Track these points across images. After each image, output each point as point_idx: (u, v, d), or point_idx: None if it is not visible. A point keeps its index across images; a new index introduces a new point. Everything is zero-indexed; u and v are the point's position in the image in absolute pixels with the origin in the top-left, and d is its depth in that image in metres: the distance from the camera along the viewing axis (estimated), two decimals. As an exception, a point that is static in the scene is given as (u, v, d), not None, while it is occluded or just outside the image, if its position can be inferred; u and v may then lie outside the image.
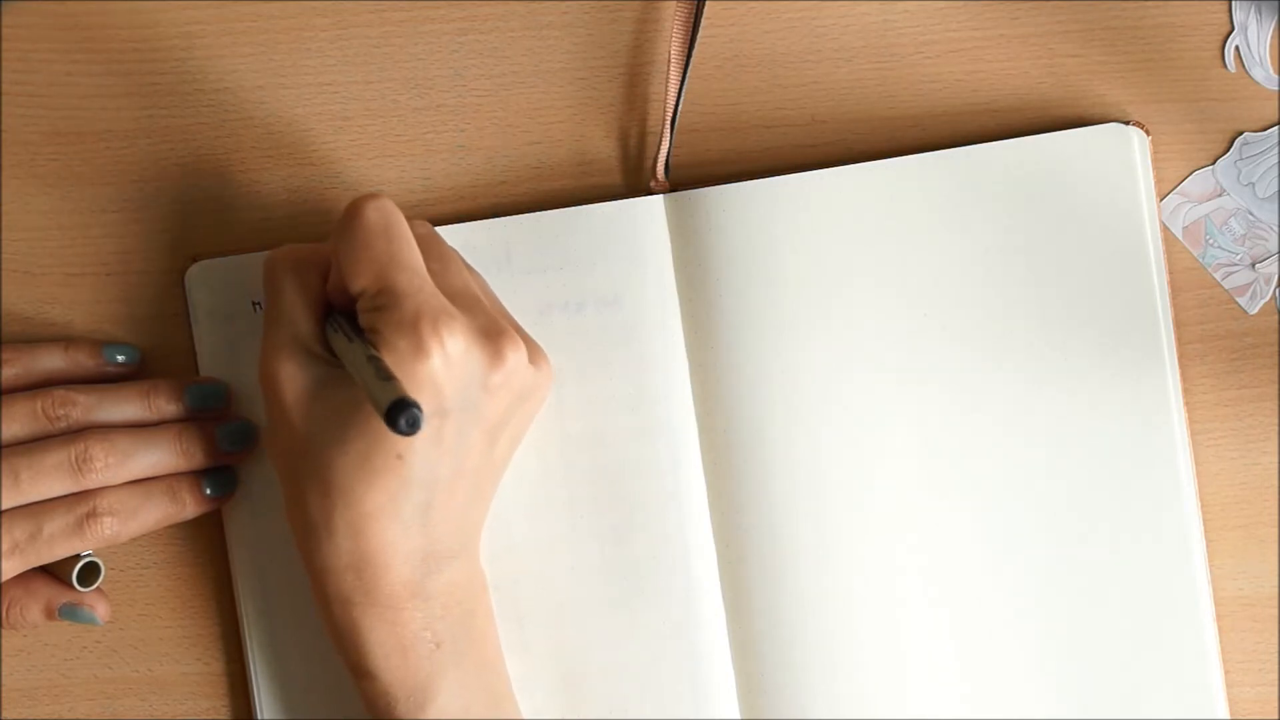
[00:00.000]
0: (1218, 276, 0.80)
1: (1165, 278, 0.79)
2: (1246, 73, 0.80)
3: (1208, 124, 0.80)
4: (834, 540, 0.79)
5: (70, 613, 0.78)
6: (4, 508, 0.76)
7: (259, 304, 0.80)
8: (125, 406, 0.78)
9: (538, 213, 0.80)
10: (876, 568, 0.79)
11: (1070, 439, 0.79)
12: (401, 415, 0.66)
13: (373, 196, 0.73)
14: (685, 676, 0.79)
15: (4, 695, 0.81)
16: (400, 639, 0.73)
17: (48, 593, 0.78)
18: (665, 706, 0.79)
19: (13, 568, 0.76)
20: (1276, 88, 0.80)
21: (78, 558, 0.78)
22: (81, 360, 0.79)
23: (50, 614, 0.78)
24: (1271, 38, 0.80)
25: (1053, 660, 0.79)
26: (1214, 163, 0.80)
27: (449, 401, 0.71)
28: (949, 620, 0.79)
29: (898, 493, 0.79)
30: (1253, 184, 0.80)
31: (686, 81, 0.79)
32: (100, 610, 0.79)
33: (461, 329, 0.71)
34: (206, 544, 0.81)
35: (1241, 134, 0.80)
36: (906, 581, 0.79)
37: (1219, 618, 0.80)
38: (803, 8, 0.80)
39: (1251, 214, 0.80)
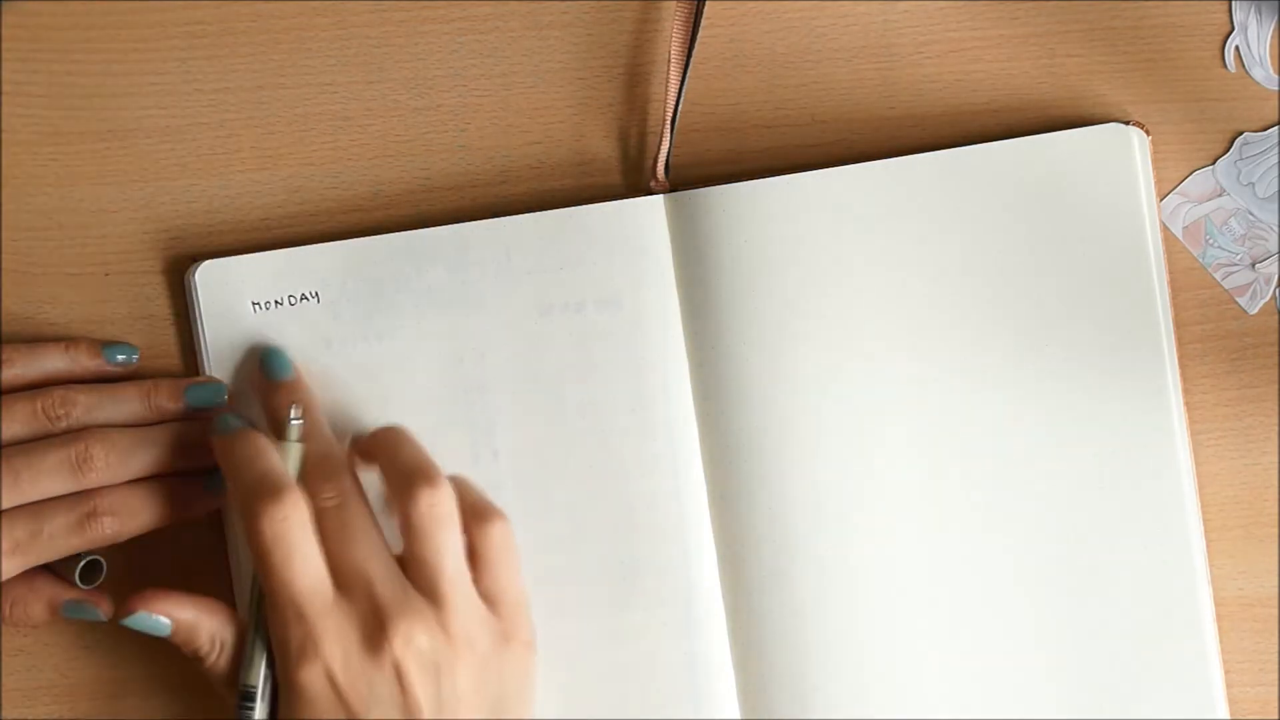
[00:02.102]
0: (1218, 276, 0.80)
1: (1165, 278, 0.79)
2: (1246, 73, 0.80)
3: (1208, 124, 0.80)
4: (834, 540, 0.79)
5: (74, 609, 0.78)
6: (4, 507, 0.76)
7: (259, 304, 0.80)
8: (125, 406, 0.78)
9: (538, 213, 0.80)
10: (876, 568, 0.79)
11: (1070, 439, 0.79)
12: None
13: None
14: (685, 676, 0.79)
15: (4, 695, 0.81)
16: None
17: (51, 590, 0.78)
18: (665, 706, 0.79)
19: (13, 567, 0.76)
20: (1276, 88, 0.80)
21: (79, 556, 0.78)
22: (81, 360, 0.79)
23: (54, 611, 0.78)
24: (1271, 38, 0.80)
25: (1053, 660, 0.79)
26: (1214, 163, 0.80)
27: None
28: (949, 620, 0.79)
29: (897, 492, 0.79)
30: (1253, 184, 0.80)
31: (686, 81, 0.79)
32: (104, 607, 0.79)
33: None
34: (206, 544, 0.81)
35: (1241, 134, 0.80)
36: (906, 581, 0.79)
37: (1219, 618, 0.79)
38: (803, 8, 0.80)
39: (1251, 214, 0.80)
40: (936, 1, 0.80)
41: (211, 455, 0.78)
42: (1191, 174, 0.80)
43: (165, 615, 0.76)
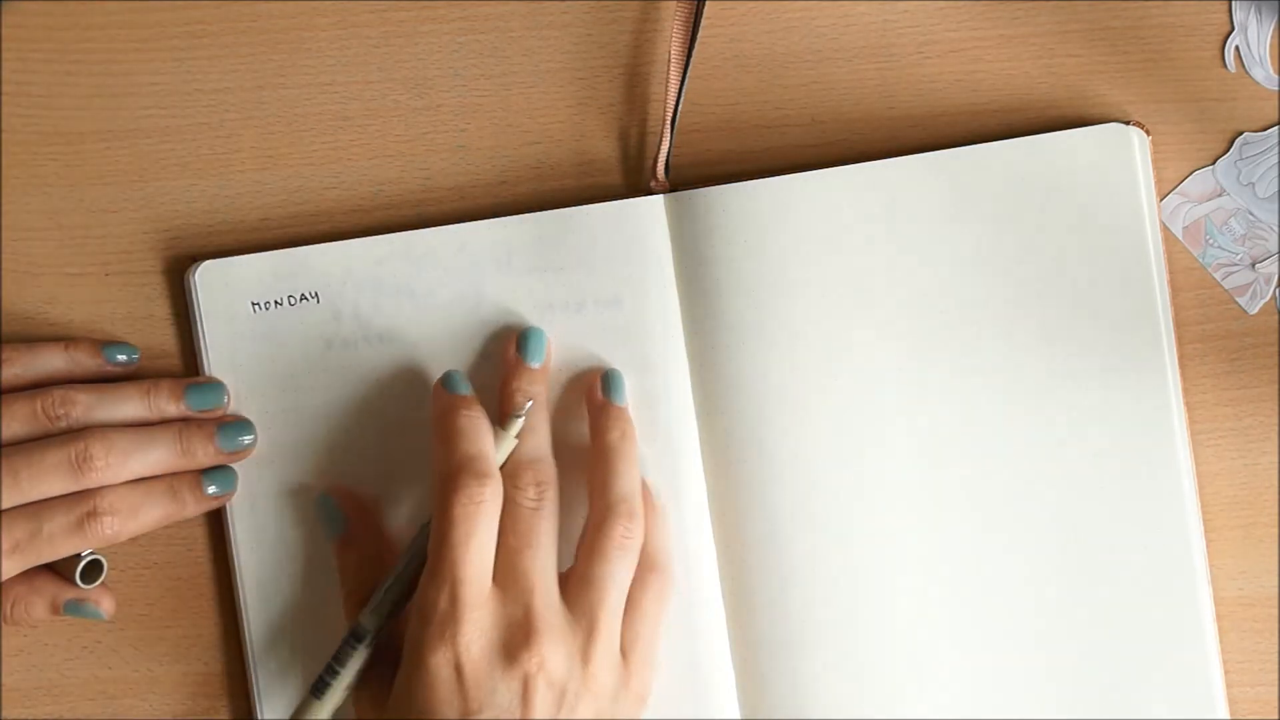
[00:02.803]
0: (1218, 276, 0.80)
1: (1165, 278, 0.79)
2: (1246, 73, 0.80)
3: (1208, 124, 0.80)
4: (834, 541, 0.79)
5: (75, 608, 0.79)
6: (4, 507, 0.76)
7: (259, 304, 0.80)
8: (125, 406, 0.78)
9: (538, 213, 0.80)
10: (876, 568, 0.79)
11: (1070, 439, 0.79)
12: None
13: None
14: (685, 676, 0.79)
15: (4, 695, 0.81)
16: None
17: (52, 589, 0.78)
18: (665, 706, 0.79)
19: (13, 567, 0.76)
20: (1276, 88, 0.80)
21: (79, 556, 0.78)
22: (81, 360, 0.79)
23: (55, 610, 0.78)
24: (1271, 38, 0.80)
25: (1053, 660, 0.79)
26: (1214, 163, 0.80)
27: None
28: (949, 620, 0.79)
29: (897, 492, 0.79)
30: (1253, 184, 0.80)
31: (686, 81, 0.79)
32: (105, 605, 0.79)
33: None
34: (206, 544, 0.81)
35: (1241, 134, 0.80)
36: (906, 581, 0.79)
37: (1219, 618, 0.79)
38: (803, 8, 0.80)
39: (1251, 214, 0.80)
40: (936, 1, 0.80)
41: (211, 455, 0.78)
42: (1191, 174, 0.80)
43: (346, 514, 0.78)
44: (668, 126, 0.79)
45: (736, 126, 0.81)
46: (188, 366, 0.81)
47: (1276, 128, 0.80)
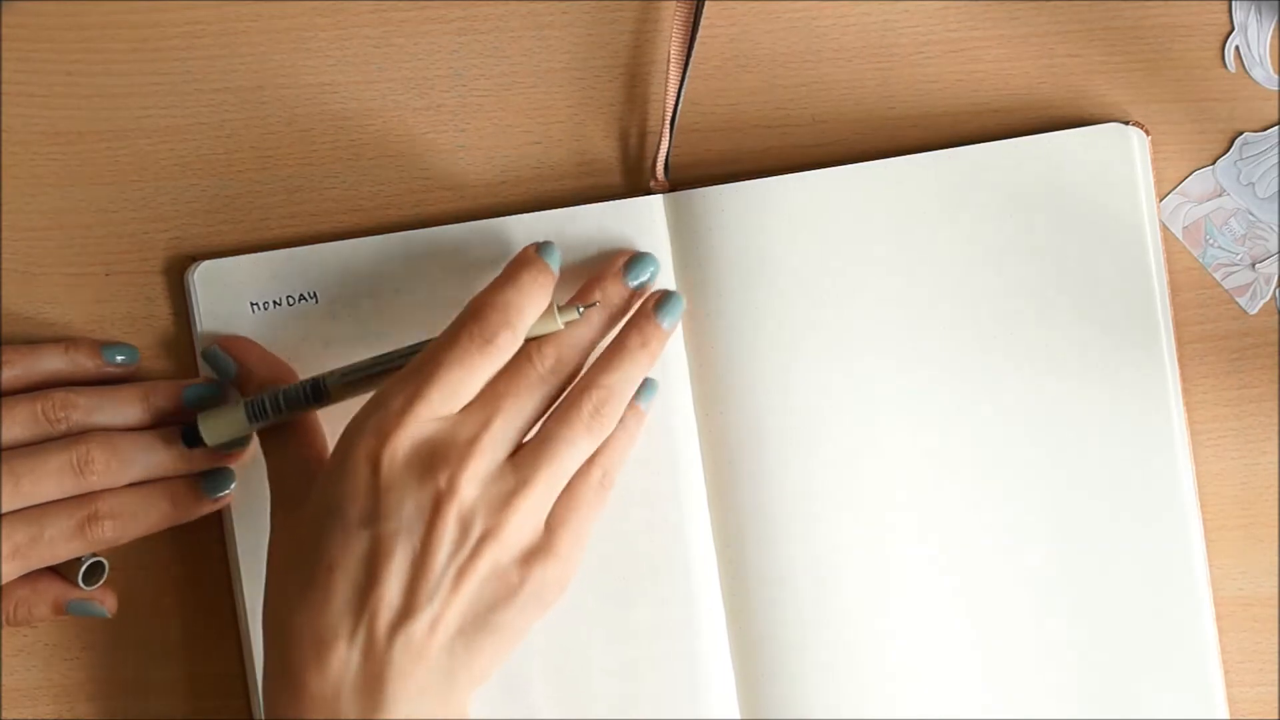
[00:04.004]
0: (1218, 276, 0.80)
1: (1165, 278, 0.79)
2: (1246, 73, 0.80)
3: (1208, 124, 0.80)
4: (834, 540, 0.79)
5: (79, 608, 0.79)
6: (5, 510, 0.76)
7: (257, 304, 0.80)
8: (125, 409, 0.78)
9: (538, 213, 0.80)
10: (876, 568, 0.79)
11: (1070, 439, 0.79)
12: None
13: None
14: (685, 676, 0.79)
15: (4, 695, 0.81)
16: None
17: (55, 591, 0.78)
18: (665, 706, 0.79)
19: (14, 570, 0.76)
20: (1276, 88, 0.80)
21: (81, 559, 0.78)
22: (81, 361, 0.79)
23: (58, 610, 0.78)
24: (1271, 38, 0.80)
25: (1053, 660, 0.79)
26: (1214, 163, 0.80)
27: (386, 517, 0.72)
28: (949, 620, 0.79)
29: (897, 494, 0.79)
30: (1253, 184, 0.80)
31: (686, 81, 0.79)
32: (108, 604, 0.79)
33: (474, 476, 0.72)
34: (206, 544, 0.81)
35: (1241, 134, 0.80)
36: (906, 581, 0.79)
37: (1219, 618, 0.80)
38: (803, 8, 0.80)
39: (1251, 214, 0.80)
40: (936, 1, 0.80)
41: (210, 457, 0.78)
42: (1191, 174, 0.80)
43: (237, 359, 0.78)
44: (668, 126, 0.79)
45: (736, 126, 0.81)
46: (188, 367, 0.81)
47: (1276, 128, 0.80)
